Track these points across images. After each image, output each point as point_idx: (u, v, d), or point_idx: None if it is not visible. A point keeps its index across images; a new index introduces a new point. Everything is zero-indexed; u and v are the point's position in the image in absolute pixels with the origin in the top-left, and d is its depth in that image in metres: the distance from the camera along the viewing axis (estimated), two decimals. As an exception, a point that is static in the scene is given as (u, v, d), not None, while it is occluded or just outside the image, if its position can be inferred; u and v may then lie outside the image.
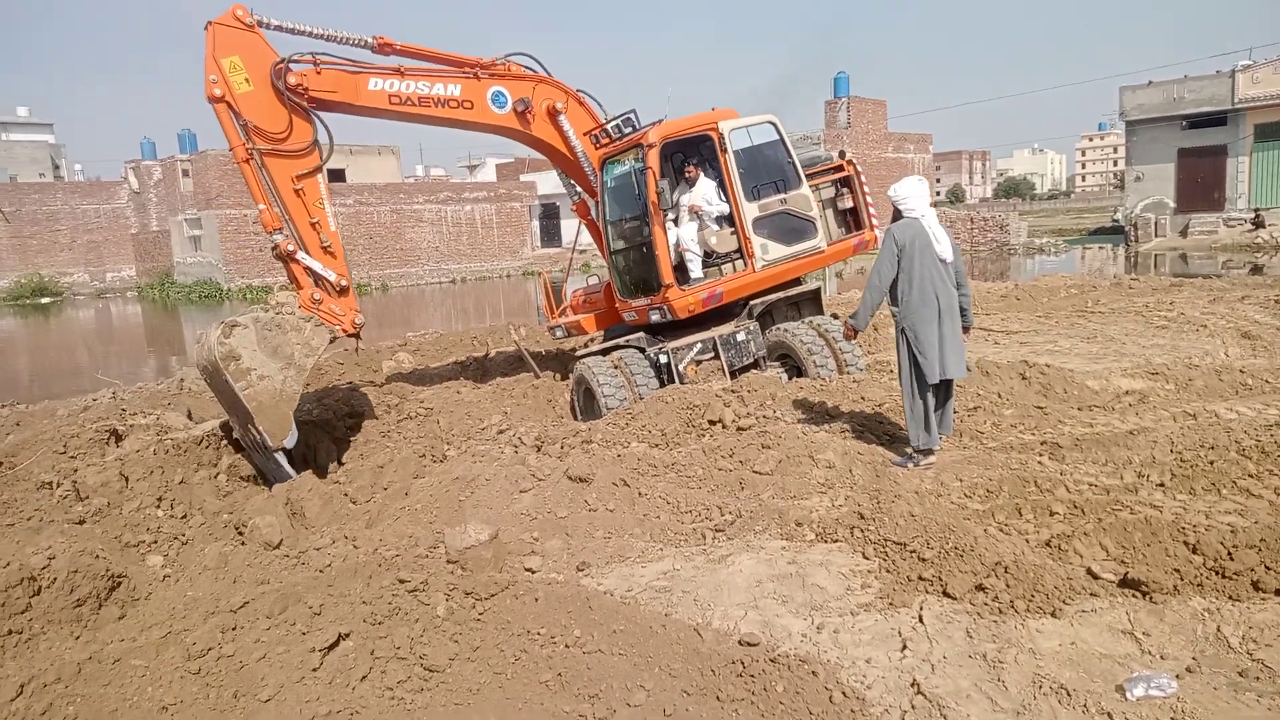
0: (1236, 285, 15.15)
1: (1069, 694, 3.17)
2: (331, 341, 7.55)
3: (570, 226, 57.37)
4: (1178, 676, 3.22)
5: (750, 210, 8.59)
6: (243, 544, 5.30)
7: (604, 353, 9.08)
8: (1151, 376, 7.99)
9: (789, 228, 8.89)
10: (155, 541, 5.46)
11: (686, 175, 8.62)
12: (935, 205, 7.27)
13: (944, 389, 6.09)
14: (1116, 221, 41.61)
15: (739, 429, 6.86)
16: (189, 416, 8.64)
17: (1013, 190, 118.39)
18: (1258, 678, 3.21)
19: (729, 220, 8.63)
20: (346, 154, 48.98)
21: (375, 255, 43.04)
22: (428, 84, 8.14)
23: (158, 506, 6.02)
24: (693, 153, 8.65)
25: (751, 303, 8.81)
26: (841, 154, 10.01)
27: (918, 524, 4.57)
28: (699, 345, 8.61)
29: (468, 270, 46.30)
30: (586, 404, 8.90)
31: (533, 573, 4.47)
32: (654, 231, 8.27)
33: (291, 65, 7.52)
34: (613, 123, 8.85)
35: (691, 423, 7.18)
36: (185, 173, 41.89)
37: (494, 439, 7.29)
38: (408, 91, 8.05)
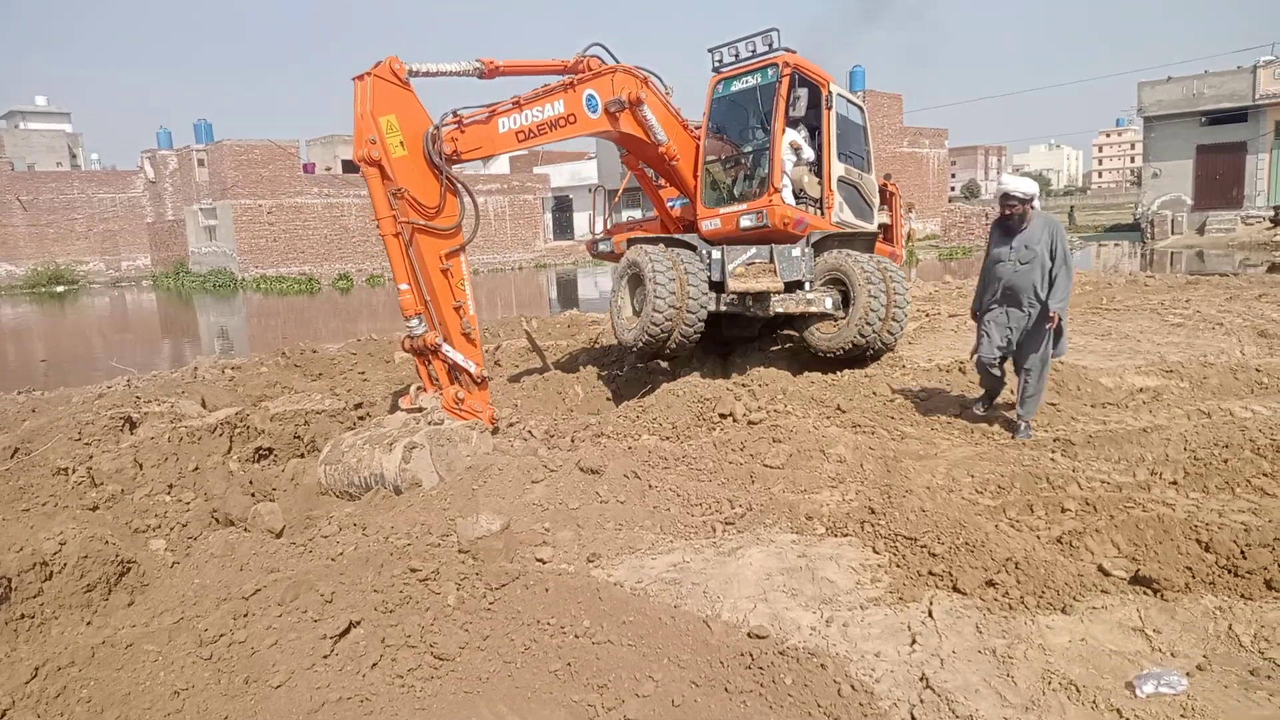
0: (1254, 284, 15.01)
1: (1078, 690, 3.16)
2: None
3: (583, 219, 57.41)
4: (1188, 674, 3.21)
5: (837, 168, 9.07)
6: (246, 531, 5.34)
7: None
8: (1166, 374, 7.93)
9: (856, 203, 9.45)
10: (159, 527, 5.50)
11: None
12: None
13: None
14: (1137, 219, 41.35)
15: (750, 423, 6.86)
16: (203, 404, 8.68)
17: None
18: (1269, 676, 3.20)
19: (816, 170, 8.98)
20: (360, 145, 49.15)
21: (388, 246, 43.15)
22: (539, 109, 7.71)
23: (169, 493, 6.06)
24: (805, 108, 8.81)
25: (811, 231, 9.03)
26: (887, 176, 10.51)
27: (929, 519, 4.56)
28: (753, 249, 8.70)
29: (480, 262, 46.25)
30: (632, 291, 8.79)
31: (543, 563, 4.48)
32: (774, 140, 8.56)
33: (441, 131, 6.91)
34: (746, 40, 9.01)
35: (702, 416, 7.19)
36: (201, 162, 42.05)
37: (504, 431, 7.30)
38: (528, 123, 7.62)
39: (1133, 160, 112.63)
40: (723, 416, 7.11)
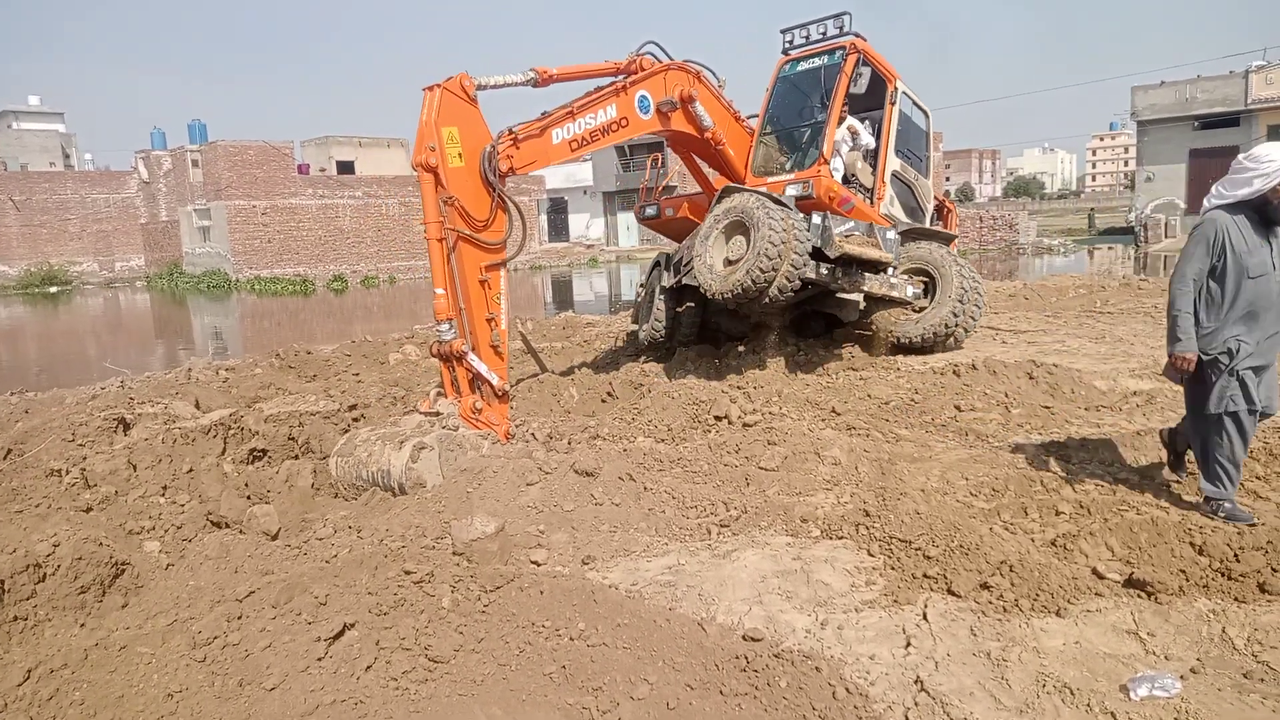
0: (1246, 287, 15.05)
1: (1072, 693, 3.17)
2: None
3: (578, 221, 57.45)
4: (1182, 677, 3.22)
5: (893, 162, 9.18)
6: (241, 533, 5.33)
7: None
8: (1159, 377, 7.95)
9: (908, 201, 9.60)
10: (153, 529, 5.48)
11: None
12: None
13: None
14: (1130, 222, 41.48)
15: (745, 425, 6.86)
16: (196, 406, 8.66)
17: (1022, 189, 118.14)
18: (1262, 679, 3.21)
19: (872, 160, 9.10)
20: (356, 146, 49.12)
21: (384, 248, 43.18)
22: (592, 115, 7.80)
23: (163, 494, 6.04)
24: (866, 87, 8.90)
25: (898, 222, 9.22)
26: (947, 193, 10.91)
27: (923, 522, 4.57)
28: (851, 223, 8.73)
29: (475, 264, 46.25)
30: (727, 239, 8.39)
31: (538, 565, 4.48)
32: (831, 116, 8.66)
33: (497, 148, 7.03)
34: (817, 23, 9.18)
35: (698, 418, 7.19)
36: (195, 163, 41.98)
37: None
38: (581, 132, 7.73)
39: (1126, 164, 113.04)
40: (718, 419, 7.11)
